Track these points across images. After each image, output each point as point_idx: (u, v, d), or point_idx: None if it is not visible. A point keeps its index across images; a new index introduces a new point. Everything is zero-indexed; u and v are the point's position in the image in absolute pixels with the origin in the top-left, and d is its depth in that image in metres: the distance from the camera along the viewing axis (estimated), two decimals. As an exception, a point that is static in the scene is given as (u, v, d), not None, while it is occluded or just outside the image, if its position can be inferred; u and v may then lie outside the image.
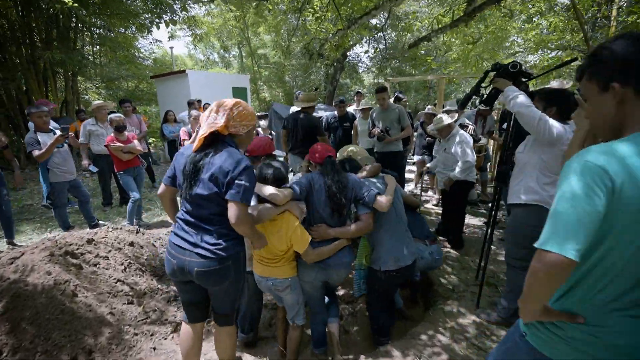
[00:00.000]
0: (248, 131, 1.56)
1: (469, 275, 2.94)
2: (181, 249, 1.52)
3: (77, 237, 2.32)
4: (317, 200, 1.87)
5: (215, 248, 1.48)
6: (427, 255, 2.41)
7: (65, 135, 3.39)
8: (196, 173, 1.45)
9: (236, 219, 1.41)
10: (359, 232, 1.90)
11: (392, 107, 3.96)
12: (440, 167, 3.43)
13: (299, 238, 1.77)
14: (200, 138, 1.46)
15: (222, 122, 1.45)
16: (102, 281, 2.13)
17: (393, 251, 1.97)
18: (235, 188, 1.40)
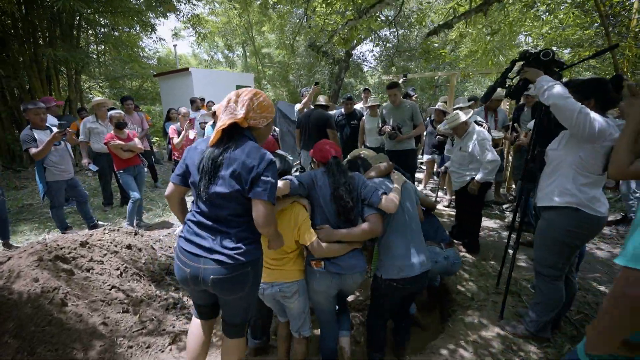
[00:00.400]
0: (268, 124, 1.44)
1: (489, 282, 2.74)
2: (194, 255, 1.36)
3: (70, 240, 2.16)
4: (322, 197, 1.71)
5: (234, 253, 1.33)
6: (442, 259, 2.22)
7: (62, 132, 3.25)
8: (216, 169, 1.30)
9: (264, 219, 1.28)
10: (367, 234, 1.73)
11: (404, 104, 3.75)
12: (455, 167, 3.22)
13: (308, 229, 1.65)
14: (218, 130, 1.32)
15: (242, 113, 1.32)
16: (96, 288, 1.97)
17: (398, 259, 1.78)
18: (262, 185, 1.27)
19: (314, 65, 15.33)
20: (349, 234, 1.70)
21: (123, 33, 10.66)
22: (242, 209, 1.33)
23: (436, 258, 2.18)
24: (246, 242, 1.37)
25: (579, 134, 1.65)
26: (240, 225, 1.37)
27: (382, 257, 1.85)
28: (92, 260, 2.15)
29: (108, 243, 2.41)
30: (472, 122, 3.03)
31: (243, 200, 1.32)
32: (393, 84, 3.61)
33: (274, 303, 1.80)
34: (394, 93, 3.62)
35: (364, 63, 17.91)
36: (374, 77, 18.66)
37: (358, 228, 1.71)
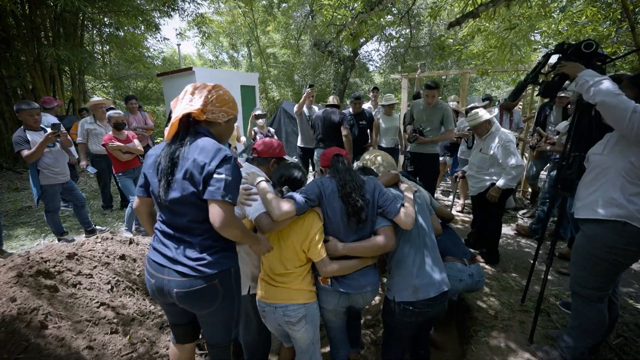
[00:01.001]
0: (228, 120, 1.33)
1: (512, 297, 2.51)
2: (159, 265, 1.27)
3: (56, 252, 1.98)
4: (330, 207, 1.51)
5: (197, 264, 1.22)
6: (467, 277, 2.00)
7: (56, 133, 3.09)
8: (172, 170, 1.20)
9: (220, 221, 1.14)
10: (381, 249, 1.52)
11: (438, 106, 3.42)
12: (473, 170, 2.98)
13: (319, 243, 1.46)
14: (173, 123, 1.21)
15: (198, 104, 1.21)
16: (82, 306, 1.78)
17: (412, 278, 1.55)
18: (214, 184, 1.15)
19: (319, 64, 15.14)
20: (360, 247, 1.50)
21: (127, 33, 10.59)
22: (204, 214, 1.18)
23: (460, 276, 1.96)
24: (211, 251, 1.25)
25: (632, 136, 1.42)
26: (204, 233, 1.24)
27: (394, 275, 1.63)
28: (80, 274, 1.97)
29: (99, 254, 2.23)
30: (495, 122, 2.80)
31: (201, 204, 1.19)
32: (434, 84, 3.30)
33: (278, 329, 1.59)
34: (433, 94, 3.30)
35: (369, 63, 17.71)
36: (380, 76, 18.41)
37: (371, 242, 1.51)
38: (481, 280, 2.06)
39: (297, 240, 1.47)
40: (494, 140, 2.70)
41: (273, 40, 16.20)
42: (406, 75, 5.59)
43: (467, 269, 2.02)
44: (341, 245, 1.50)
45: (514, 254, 3.28)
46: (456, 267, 2.01)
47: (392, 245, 1.51)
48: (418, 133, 3.38)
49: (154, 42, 15.91)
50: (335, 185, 1.52)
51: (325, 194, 1.51)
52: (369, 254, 1.53)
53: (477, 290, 2.21)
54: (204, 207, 1.18)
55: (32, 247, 3.52)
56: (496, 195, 2.70)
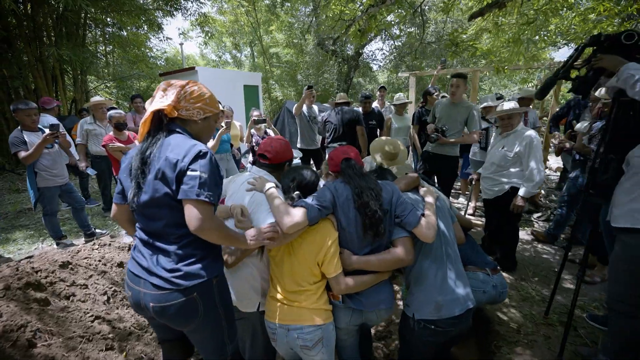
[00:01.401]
0: (206, 117, 1.22)
1: (534, 308, 2.35)
2: (135, 276, 1.18)
3: (49, 261, 1.86)
4: (344, 216, 1.36)
5: (173, 276, 1.11)
6: (491, 288, 1.85)
7: (54, 134, 2.97)
8: (144, 170, 1.11)
9: (195, 223, 1.04)
10: (396, 263, 1.37)
11: (463, 104, 3.19)
12: (489, 171, 2.77)
13: (335, 257, 1.32)
14: (144, 121, 1.13)
15: (169, 100, 1.12)
16: (75, 321, 1.66)
17: (434, 293, 1.41)
18: (188, 182, 1.05)
19: (322, 64, 15.00)
20: (376, 261, 1.35)
21: (130, 33, 10.53)
22: (180, 216, 1.08)
23: (484, 287, 1.81)
24: (189, 260, 1.13)
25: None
26: (181, 239, 1.14)
27: (413, 290, 1.48)
28: (74, 285, 1.84)
29: (96, 262, 2.11)
30: (521, 120, 2.63)
31: (175, 205, 1.10)
32: (460, 73, 3.06)
33: (289, 353, 1.45)
34: (457, 84, 3.02)
35: (373, 62, 17.54)
36: (384, 76, 18.24)
37: (388, 255, 1.36)
38: (504, 292, 1.91)
39: (310, 253, 1.33)
40: (519, 137, 2.50)
41: (276, 40, 16.11)
42: (414, 73, 5.43)
43: (490, 279, 1.87)
44: (355, 259, 1.36)
45: (532, 260, 3.11)
46: (479, 278, 1.86)
47: (411, 259, 1.37)
48: (440, 133, 3.20)
49: (156, 42, 15.85)
50: (350, 192, 1.37)
51: (339, 201, 1.36)
52: (385, 269, 1.38)
53: (499, 302, 2.06)
54: (179, 209, 1.08)
55: (29, 252, 3.41)
56: (522, 205, 2.51)
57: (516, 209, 2.53)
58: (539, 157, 2.43)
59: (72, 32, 8.02)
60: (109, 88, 12.89)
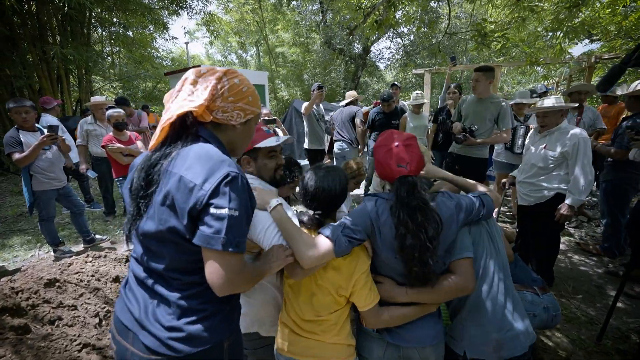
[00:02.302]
0: (247, 121, 0.91)
1: (583, 332, 2.06)
2: (123, 327, 0.86)
3: (33, 279, 1.64)
4: (384, 242, 1.07)
5: (170, 337, 0.80)
6: (541, 311, 1.57)
7: (52, 136, 2.78)
8: (148, 189, 0.81)
9: (221, 283, 0.75)
10: (453, 293, 1.09)
11: (491, 99, 2.86)
12: (527, 174, 2.44)
13: (366, 288, 1.07)
14: (163, 126, 0.82)
15: (202, 98, 0.81)
16: (59, 351, 1.42)
17: (492, 328, 1.14)
18: (211, 223, 0.73)
19: (329, 63, 14.75)
20: (428, 293, 1.07)
21: (136, 33, 10.43)
22: (187, 260, 0.81)
23: (534, 309, 1.53)
24: (195, 317, 0.82)
25: None
26: (187, 288, 0.83)
27: (465, 323, 1.21)
28: (61, 306, 1.61)
29: (88, 277, 1.88)
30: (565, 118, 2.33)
31: (185, 244, 0.78)
32: (481, 67, 2.78)
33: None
34: (476, 78, 2.74)
35: (380, 61, 17.24)
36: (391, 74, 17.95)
37: (448, 283, 1.07)
38: (558, 315, 1.62)
39: (333, 284, 1.08)
40: (565, 136, 2.19)
41: (282, 39, 15.92)
42: (429, 70, 5.14)
43: (540, 300, 1.58)
44: (402, 291, 1.09)
45: (569, 272, 2.82)
46: (526, 299, 1.58)
47: (473, 287, 1.09)
48: (468, 133, 2.89)
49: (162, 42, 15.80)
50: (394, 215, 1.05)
51: (380, 232, 1.06)
52: (441, 300, 1.12)
53: (551, 327, 1.77)
54: (189, 251, 0.78)
55: (25, 259, 3.22)
56: (570, 214, 2.20)
57: (562, 220, 2.22)
58: (587, 159, 2.13)
59: (77, 31, 7.92)
60: (115, 88, 12.83)
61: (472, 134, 2.86)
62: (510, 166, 3.72)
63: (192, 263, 0.79)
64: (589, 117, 3.31)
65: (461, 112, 3.08)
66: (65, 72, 7.80)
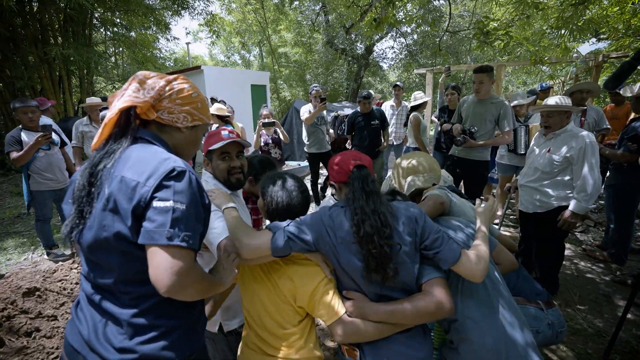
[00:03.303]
0: (194, 127, 0.90)
1: (589, 346, 1.96)
2: (73, 350, 0.80)
3: (12, 288, 1.58)
4: (344, 256, 0.99)
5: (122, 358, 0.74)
6: (545, 327, 1.47)
7: (47, 135, 2.77)
8: (89, 194, 0.76)
9: (167, 283, 0.68)
10: (427, 316, 0.99)
11: (492, 100, 2.77)
12: (529, 178, 2.34)
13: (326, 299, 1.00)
14: (106, 123, 0.80)
15: (148, 96, 0.80)
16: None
17: (489, 350, 1.06)
18: (154, 217, 0.70)
19: (331, 63, 14.67)
20: (392, 313, 0.99)
21: (138, 34, 10.45)
22: (136, 270, 0.75)
23: (537, 326, 1.43)
24: (149, 335, 0.76)
25: None
26: (140, 302, 0.78)
27: (461, 350, 1.11)
28: (40, 316, 1.55)
29: (72, 285, 1.82)
30: (572, 120, 2.22)
31: (133, 251, 0.74)
32: (482, 67, 2.69)
33: None
34: (480, 80, 2.66)
35: (383, 61, 17.13)
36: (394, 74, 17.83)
37: (407, 305, 0.98)
38: (563, 332, 1.52)
39: (291, 293, 1.01)
40: (572, 139, 2.08)
41: (284, 39, 15.89)
42: (431, 69, 5.04)
43: (544, 315, 1.48)
44: (374, 308, 1.00)
45: (575, 280, 2.70)
46: (530, 314, 1.47)
47: (450, 309, 0.98)
48: (468, 135, 2.79)
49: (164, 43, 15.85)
50: (350, 218, 1.00)
51: (338, 236, 0.99)
52: (415, 322, 1.02)
53: (556, 344, 1.67)
54: (138, 258, 0.73)
55: (18, 262, 3.18)
56: (575, 221, 2.08)
57: (567, 226, 2.11)
58: (594, 163, 2.02)
59: (79, 32, 7.92)
60: (117, 89, 12.87)
61: (471, 135, 2.77)
62: (514, 168, 3.61)
63: (143, 273, 0.72)
64: (593, 117, 3.19)
65: (461, 114, 2.99)
66: (67, 73, 7.81)
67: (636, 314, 2.26)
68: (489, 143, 2.84)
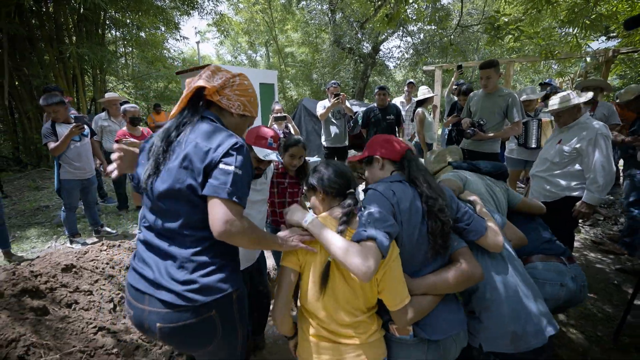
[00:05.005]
0: (244, 115, 1.09)
1: (599, 329, 2.01)
2: (138, 292, 0.98)
3: (51, 264, 1.69)
4: (407, 227, 1.05)
5: (186, 289, 0.92)
6: (569, 280, 1.48)
7: (80, 126, 2.94)
8: (165, 153, 0.96)
9: (222, 228, 0.86)
10: (464, 282, 1.06)
11: (500, 93, 2.83)
12: (540, 169, 2.39)
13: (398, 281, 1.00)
14: (182, 98, 1.01)
15: (216, 83, 1.02)
16: (76, 333, 1.46)
17: (508, 322, 1.12)
18: (219, 177, 0.89)
19: (338, 62, 14.73)
20: (442, 283, 1.05)
21: (148, 34, 10.64)
22: (201, 217, 0.93)
23: (561, 280, 1.46)
24: (207, 270, 0.95)
25: None
26: (198, 244, 0.96)
27: (482, 318, 1.17)
28: (78, 291, 1.66)
29: (103, 264, 1.93)
30: (586, 111, 2.26)
31: (198, 202, 0.93)
32: (488, 62, 2.76)
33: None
34: (487, 75, 2.73)
35: (390, 60, 17.13)
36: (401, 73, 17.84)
37: (456, 271, 1.06)
38: (585, 287, 1.53)
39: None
40: (583, 131, 2.12)
41: (291, 39, 15.99)
42: (440, 66, 5.09)
43: (567, 269, 1.51)
44: (417, 282, 1.06)
45: (585, 271, 2.68)
46: (554, 269, 1.49)
47: (482, 274, 1.08)
48: (477, 127, 2.84)
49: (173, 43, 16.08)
50: (415, 195, 1.08)
51: (401, 209, 1.05)
52: (454, 290, 1.09)
53: (580, 302, 1.67)
54: (201, 208, 0.92)
55: (42, 250, 3.32)
56: (588, 212, 2.12)
57: (581, 216, 2.14)
58: (605, 154, 2.05)
59: (92, 31, 8.11)
60: (127, 88, 13.11)
61: (480, 128, 2.83)
62: (524, 162, 3.65)
63: (203, 221, 0.90)
64: (603, 113, 3.21)
65: (470, 108, 3.05)
66: (81, 71, 8.01)
67: (645, 301, 2.29)
68: (498, 135, 2.88)
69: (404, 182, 1.11)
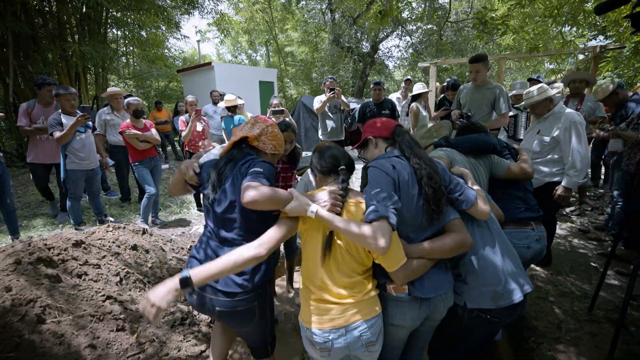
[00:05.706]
0: (273, 154, 1.47)
1: (575, 304, 2.14)
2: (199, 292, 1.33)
3: (62, 239, 1.82)
4: (405, 197, 1.17)
5: (242, 279, 1.28)
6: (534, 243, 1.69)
7: (85, 116, 3.07)
8: (220, 181, 1.33)
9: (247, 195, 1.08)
10: (459, 247, 1.19)
11: (488, 86, 2.95)
12: None
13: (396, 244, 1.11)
14: (230, 142, 1.41)
15: (256, 132, 1.41)
16: (86, 299, 1.60)
17: (491, 280, 1.25)
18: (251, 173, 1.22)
19: (337, 61, 14.86)
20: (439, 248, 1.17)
21: (149, 33, 10.76)
22: (249, 225, 1.30)
23: (528, 243, 1.66)
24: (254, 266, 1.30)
25: None
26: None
27: (468, 280, 1.30)
28: (87, 264, 1.79)
29: (109, 243, 2.06)
30: (559, 101, 2.40)
31: (245, 212, 1.28)
32: (478, 56, 2.88)
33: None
34: (477, 69, 2.85)
35: (389, 59, 17.24)
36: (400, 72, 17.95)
37: (450, 239, 1.18)
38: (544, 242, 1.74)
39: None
40: (558, 121, 2.26)
41: (291, 38, 16.11)
42: (435, 62, 5.22)
43: (534, 233, 1.69)
44: (413, 248, 1.18)
45: (568, 255, 2.87)
46: (526, 234, 1.68)
47: (472, 243, 1.21)
48: (465, 119, 2.97)
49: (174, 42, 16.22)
50: (410, 167, 1.20)
51: (399, 180, 1.16)
52: (446, 256, 1.21)
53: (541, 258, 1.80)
54: (251, 216, 1.27)
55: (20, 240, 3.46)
56: (568, 196, 2.26)
57: (561, 200, 2.28)
58: (581, 140, 2.19)
59: (94, 30, 8.24)
60: (129, 87, 13.24)
61: (468, 119, 2.94)
62: (513, 154, 3.77)
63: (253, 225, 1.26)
64: (589, 106, 3.33)
65: (460, 101, 3.17)
66: (83, 69, 8.14)
67: (622, 280, 2.42)
68: (486, 125, 2.99)
69: (400, 156, 1.23)
